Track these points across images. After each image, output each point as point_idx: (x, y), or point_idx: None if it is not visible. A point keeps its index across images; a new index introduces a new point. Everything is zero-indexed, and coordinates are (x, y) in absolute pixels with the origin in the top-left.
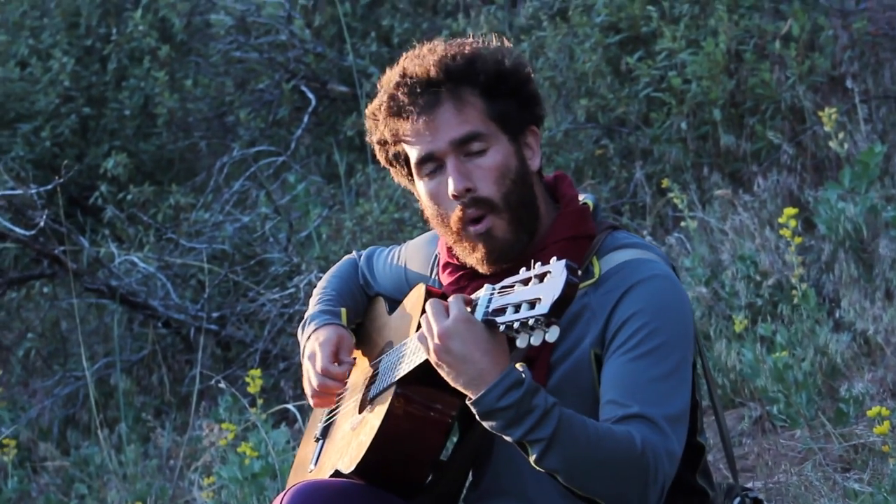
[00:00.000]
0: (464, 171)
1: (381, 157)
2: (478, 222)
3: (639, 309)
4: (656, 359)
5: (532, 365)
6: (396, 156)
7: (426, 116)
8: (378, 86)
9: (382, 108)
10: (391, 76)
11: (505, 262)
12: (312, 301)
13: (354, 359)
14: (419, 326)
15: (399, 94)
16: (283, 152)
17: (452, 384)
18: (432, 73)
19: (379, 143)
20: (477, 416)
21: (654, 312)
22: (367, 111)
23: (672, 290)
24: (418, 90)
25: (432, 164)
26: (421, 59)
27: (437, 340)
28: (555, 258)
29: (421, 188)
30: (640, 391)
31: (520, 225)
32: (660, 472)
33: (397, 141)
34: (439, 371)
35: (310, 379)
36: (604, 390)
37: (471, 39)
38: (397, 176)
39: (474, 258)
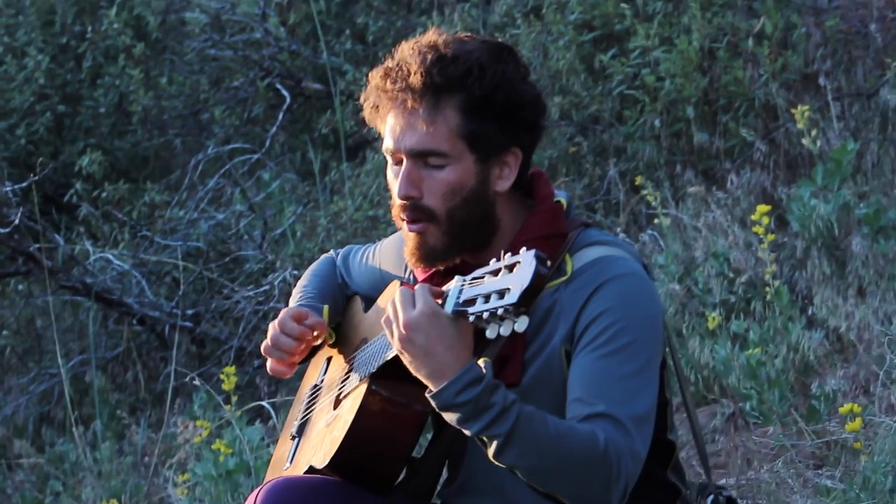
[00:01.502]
0: (414, 178)
1: (367, 117)
2: (413, 223)
3: (608, 307)
4: (624, 357)
5: (507, 363)
6: (377, 125)
7: (402, 112)
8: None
9: (377, 78)
10: (403, 49)
11: (432, 266)
12: (293, 300)
13: (317, 328)
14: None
15: (390, 76)
16: (257, 150)
17: (414, 374)
18: (417, 78)
19: (366, 106)
20: (436, 408)
21: (623, 311)
22: (370, 73)
23: (642, 288)
24: (401, 85)
25: (394, 156)
26: (423, 52)
27: (402, 330)
28: (524, 249)
29: (388, 164)
30: (606, 390)
31: (456, 240)
32: (622, 471)
33: (379, 115)
34: (402, 359)
35: (267, 337)
36: (570, 388)
37: (493, 39)
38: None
39: (407, 248)
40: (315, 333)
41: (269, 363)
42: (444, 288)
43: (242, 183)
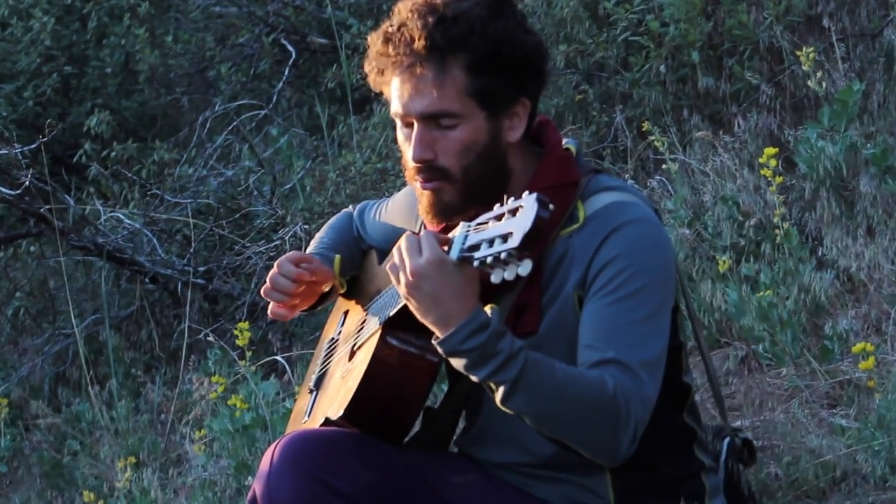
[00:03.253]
0: (427, 140)
1: (371, 82)
2: (429, 182)
3: (620, 252)
4: (635, 303)
5: (524, 311)
6: (383, 90)
7: (409, 76)
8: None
9: (378, 44)
10: (400, 11)
11: (448, 220)
12: (309, 250)
13: (316, 273)
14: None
15: (392, 41)
16: (264, 106)
17: (421, 320)
18: (421, 42)
19: (370, 71)
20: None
21: (635, 256)
22: (369, 38)
23: (654, 233)
24: (405, 50)
25: (404, 119)
26: (423, 14)
27: (409, 277)
28: (526, 192)
29: (397, 126)
30: (616, 336)
31: (472, 195)
32: (631, 416)
33: (384, 79)
34: (409, 305)
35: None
36: (582, 333)
37: None
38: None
39: (421, 205)
40: (313, 277)
41: (270, 306)
42: (450, 235)
43: (251, 139)
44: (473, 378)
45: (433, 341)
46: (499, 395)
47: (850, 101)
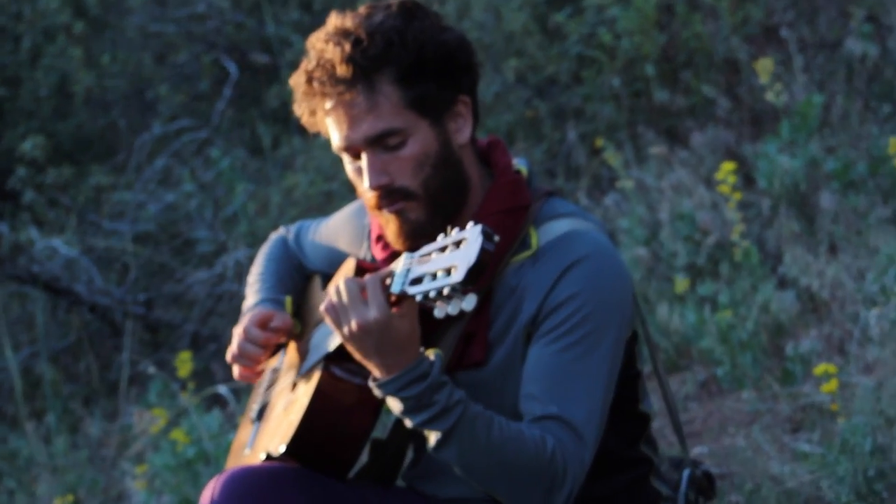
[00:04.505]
0: (379, 165)
1: (306, 124)
2: (392, 204)
3: (576, 291)
4: (583, 349)
5: (471, 340)
6: (320, 128)
7: (341, 107)
8: (305, 50)
9: (301, 84)
10: (314, 46)
11: (419, 240)
12: (251, 290)
13: (283, 331)
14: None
15: (315, 78)
16: (205, 127)
17: (359, 361)
18: (344, 68)
19: (301, 114)
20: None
21: (591, 295)
22: (291, 81)
23: (610, 266)
24: (330, 82)
25: (350, 151)
26: (337, 41)
27: (353, 328)
28: (471, 223)
29: (344, 161)
30: (561, 389)
31: (437, 208)
32: (568, 477)
33: (318, 119)
34: (347, 348)
35: (231, 345)
36: (525, 379)
37: (395, 3)
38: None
39: (389, 232)
40: (281, 337)
41: (235, 370)
42: (392, 266)
43: (191, 162)
44: (407, 423)
45: (370, 382)
46: (431, 442)
47: (810, 114)
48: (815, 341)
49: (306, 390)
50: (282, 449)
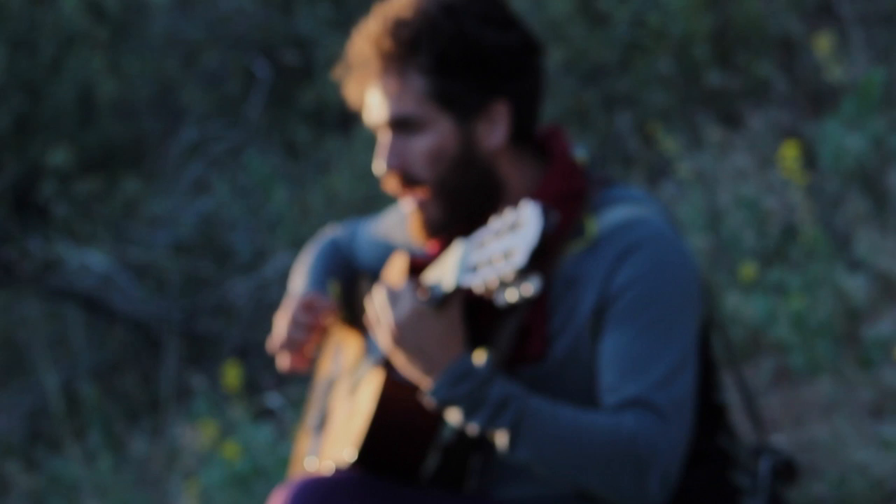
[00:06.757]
0: (396, 147)
1: (351, 102)
2: (406, 190)
3: (637, 277)
4: (657, 332)
5: (528, 334)
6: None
7: (375, 86)
8: (342, 45)
9: (348, 62)
10: (365, 23)
11: (438, 236)
12: (295, 283)
13: (329, 314)
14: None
15: (357, 58)
16: (237, 131)
17: (407, 374)
18: (380, 45)
19: (348, 92)
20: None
21: (654, 279)
22: (339, 64)
23: (674, 251)
24: (370, 61)
25: (379, 129)
26: (377, 22)
27: (391, 330)
28: (527, 203)
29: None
30: (638, 372)
31: (455, 207)
32: (657, 461)
33: (360, 95)
34: (393, 360)
35: (275, 332)
36: (601, 370)
37: None
38: None
39: (413, 226)
40: (328, 320)
41: (281, 359)
42: (447, 259)
43: (226, 167)
44: (471, 429)
45: (425, 396)
46: (502, 444)
47: (871, 90)
48: (892, 324)
49: (369, 396)
50: (351, 456)
